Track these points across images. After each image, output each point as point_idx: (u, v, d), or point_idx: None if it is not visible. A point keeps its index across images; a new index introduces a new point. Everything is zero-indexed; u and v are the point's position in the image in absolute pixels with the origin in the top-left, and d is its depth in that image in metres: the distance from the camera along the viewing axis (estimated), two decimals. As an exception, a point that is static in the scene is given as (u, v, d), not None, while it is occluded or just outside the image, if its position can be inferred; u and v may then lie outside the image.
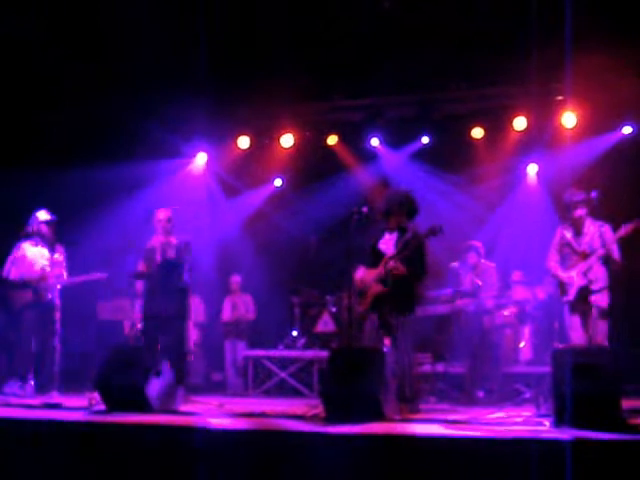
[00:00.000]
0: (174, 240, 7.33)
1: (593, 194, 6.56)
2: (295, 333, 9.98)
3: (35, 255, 7.74)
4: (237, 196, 11.55)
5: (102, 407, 5.83)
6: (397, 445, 4.26)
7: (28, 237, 7.79)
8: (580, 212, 6.78)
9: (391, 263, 6.38)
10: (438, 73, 9.96)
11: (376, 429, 4.67)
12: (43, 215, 7.86)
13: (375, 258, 6.59)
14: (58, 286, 7.77)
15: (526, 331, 9.14)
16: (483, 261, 8.48)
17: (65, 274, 7.85)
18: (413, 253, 6.41)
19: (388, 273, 6.38)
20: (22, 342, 7.62)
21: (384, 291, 6.43)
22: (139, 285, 10.39)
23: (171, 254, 7.20)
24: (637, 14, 8.37)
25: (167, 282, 7.24)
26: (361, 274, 6.56)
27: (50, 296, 7.70)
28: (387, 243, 6.63)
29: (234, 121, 11.07)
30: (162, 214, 7.42)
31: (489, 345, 8.18)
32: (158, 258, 7.29)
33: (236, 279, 10.52)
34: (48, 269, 7.70)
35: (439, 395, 8.10)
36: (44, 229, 7.81)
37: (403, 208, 6.69)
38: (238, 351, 10.20)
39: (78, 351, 8.99)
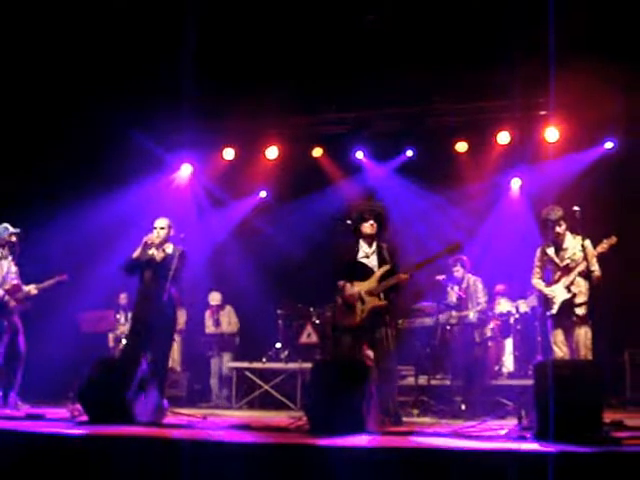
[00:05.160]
0: (169, 248, 7.26)
1: (575, 208, 6.58)
2: (279, 345, 9.96)
3: (4, 268, 7.71)
4: (221, 208, 11.54)
5: (84, 418, 5.79)
6: (379, 457, 4.25)
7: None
8: (560, 229, 6.80)
9: (376, 304, 6.45)
10: (423, 87, 10.04)
11: (359, 442, 4.67)
12: (12, 227, 7.77)
13: (358, 272, 6.60)
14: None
15: (509, 344, 9.18)
16: (469, 275, 8.51)
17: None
18: (393, 284, 6.50)
19: (372, 309, 6.45)
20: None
21: (382, 305, 6.46)
22: (122, 296, 10.35)
23: (160, 258, 7.17)
24: (619, 30, 8.48)
25: (160, 287, 7.02)
26: (352, 288, 6.54)
27: (16, 305, 7.69)
28: (370, 257, 6.65)
29: (219, 133, 11.09)
30: (163, 222, 7.37)
31: (472, 358, 8.20)
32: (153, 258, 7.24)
33: (216, 296, 10.51)
34: (16, 281, 7.71)
35: (422, 408, 8.10)
36: (15, 240, 7.76)
37: (388, 222, 6.79)
38: (224, 363, 10.19)
39: (59, 363, 8.92)
